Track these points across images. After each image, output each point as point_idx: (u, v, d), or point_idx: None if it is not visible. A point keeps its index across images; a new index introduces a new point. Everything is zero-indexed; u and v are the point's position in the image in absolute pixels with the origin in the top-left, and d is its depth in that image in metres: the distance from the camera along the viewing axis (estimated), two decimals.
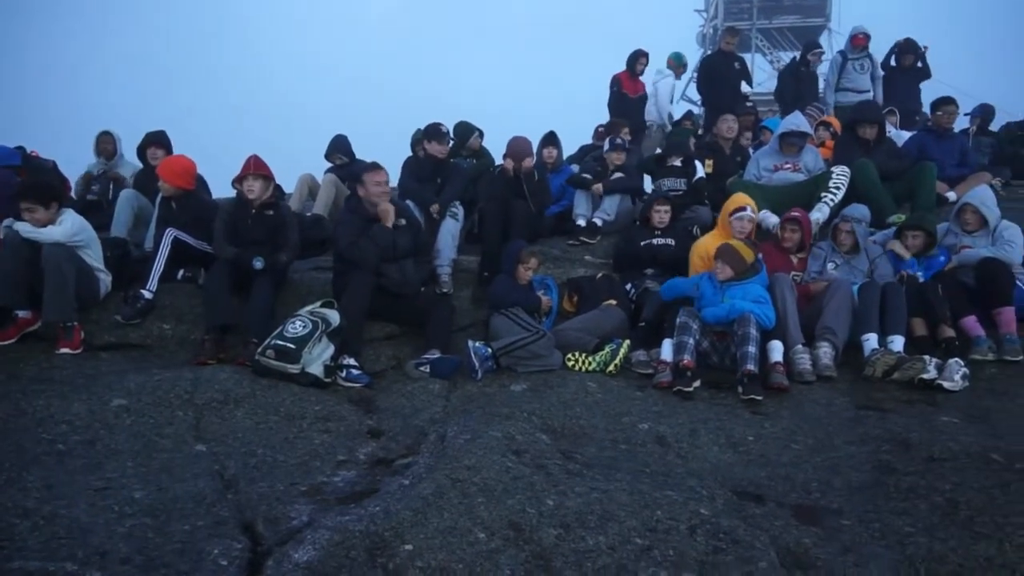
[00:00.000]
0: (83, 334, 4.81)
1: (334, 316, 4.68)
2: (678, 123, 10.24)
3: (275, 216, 5.37)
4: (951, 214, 5.69)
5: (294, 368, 4.37)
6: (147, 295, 5.11)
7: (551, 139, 7.61)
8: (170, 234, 5.33)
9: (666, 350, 4.67)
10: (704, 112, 10.42)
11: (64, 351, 4.65)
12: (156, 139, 6.75)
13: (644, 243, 5.96)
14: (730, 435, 3.81)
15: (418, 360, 4.81)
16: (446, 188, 6.49)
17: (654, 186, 7.21)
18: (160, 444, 3.49)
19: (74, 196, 7.31)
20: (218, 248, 5.23)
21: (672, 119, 10.47)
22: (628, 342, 4.92)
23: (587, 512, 2.75)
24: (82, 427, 3.57)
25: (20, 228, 4.73)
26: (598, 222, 6.74)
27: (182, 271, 5.51)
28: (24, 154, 7.28)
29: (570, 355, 4.83)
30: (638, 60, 10.17)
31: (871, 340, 4.70)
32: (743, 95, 10.23)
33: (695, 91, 13.80)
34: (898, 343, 4.69)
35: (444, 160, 6.70)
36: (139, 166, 7.07)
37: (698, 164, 7.20)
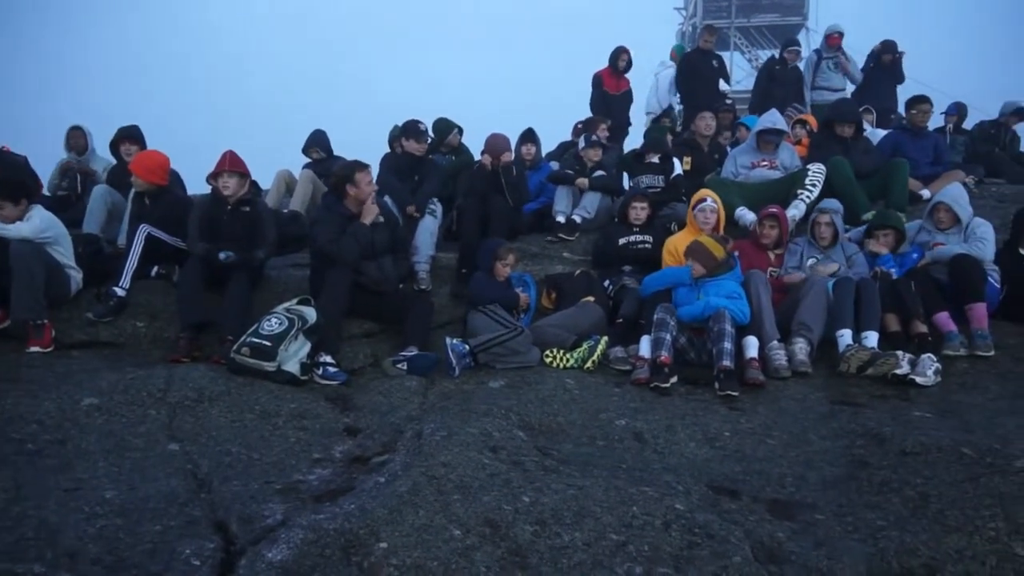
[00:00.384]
0: (54, 332, 4.75)
1: (311, 313, 4.65)
2: (658, 119, 10.27)
3: (251, 212, 5.32)
4: (925, 212, 5.75)
5: (270, 366, 4.33)
6: (120, 292, 5.04)
7: (530, 136, 7.61)
8: (143, 230, 5.25)
9: (644, 346, 4.69)
10: (682, 109, 10.44)
11: (34, 349, 4.59)
12: (129, 134, 6.64)
13: (622, 240, 5.98)
14: (706, 431, 3.83)
15: (396, 357, 4.78)
16: (424, 185, 6.46)
17: (632, 183, 7.23)
18: (132, 443, 3.45)
19: (47, 192, 7.20)
20: (191, 244, 5.17)
21: (672, 110, 10.50)
22: (606, 339, 4.93)
23: (563, 508, 2.76)
24: (52, 426, 3.51)
25: None
26: (577, 219, 6.74)
27: (156, 268, 5.45)
28: None
29: (548, 352, 4.83)
30: (619, 56, 10.03)
31: (846, 336, 4.74)
32: (721, 93, 10.28)
33: None
34: (872, 339, 4.74)
35: (422, 157, 6.67)
36: (111, 161, 6.98)
37: (676, 161, 7.23)
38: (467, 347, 4.71)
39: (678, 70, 10.60)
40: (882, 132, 8.47)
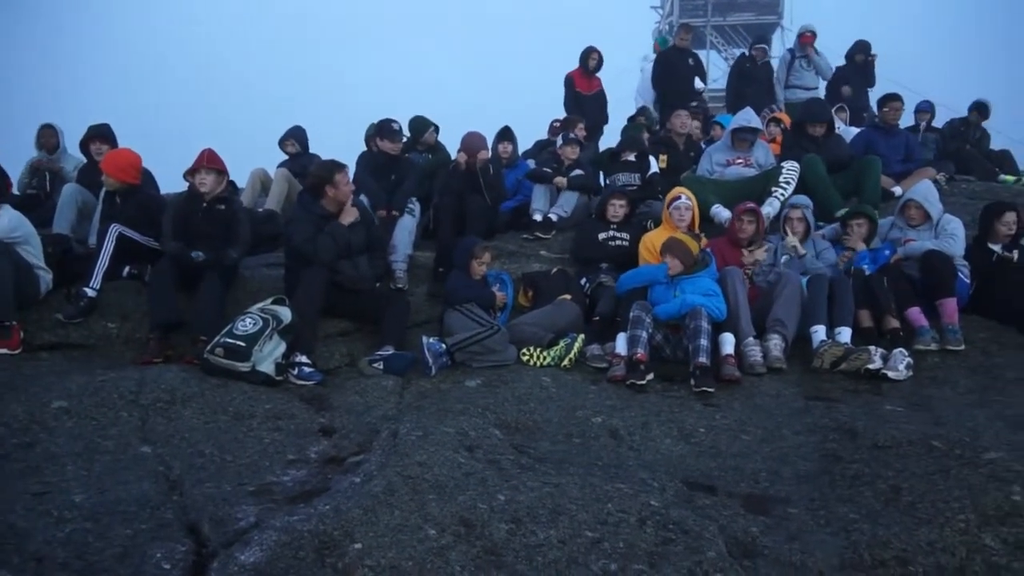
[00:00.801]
0: (23, 334, 4.66)
1: (285, 313, 4.60)
2: (634, 118, 10.28)
3: (226, 211, 5.25)
4: (896, 209, 5.82)
5: (244, 366, 4.28)
6: (90, 293, 4.95)
7: (506, 134, 7.61)
8: (114, 230, 5.16)
9: (620, 344, 4.70)
10: (659, 107, 10.48)
11: (2, 351, 4.49)
12: (100, 132, 6.54)
13: (601, 235, 5.99)
14: (682, 427, 3.85)
15: (372, 356, 4.75)
16: (402, 184, 6.43)
17: (608, 181, 7.25)
18: (103, 446, 3.39)
19: (16, 191, 7.07)
20: (164, 242, 5.10)
21: (647, 109, 10.51)
22: (583, 336, 4.93)
23: (538, 506, 2.75)
24: (20, 429, 3.45)
25: None
26: (554, 217, 6.75)
27: (128, 268, 5.35)
28: None
29: (525, 350, 4.83)
30: (590, 56, 9.98)
31: (819, 332, 4.80)
32: (697, 91, 10.33)
33: None
34: (845, 334, 4.79)
35: (399, 156, 6.64)
36: (82, 160, 6.87)
37: (652, 159, 7.25)
38: (444, 346, 4.69)
39: (654, 68, 10.63)
40: (855, 130, 8.57)
